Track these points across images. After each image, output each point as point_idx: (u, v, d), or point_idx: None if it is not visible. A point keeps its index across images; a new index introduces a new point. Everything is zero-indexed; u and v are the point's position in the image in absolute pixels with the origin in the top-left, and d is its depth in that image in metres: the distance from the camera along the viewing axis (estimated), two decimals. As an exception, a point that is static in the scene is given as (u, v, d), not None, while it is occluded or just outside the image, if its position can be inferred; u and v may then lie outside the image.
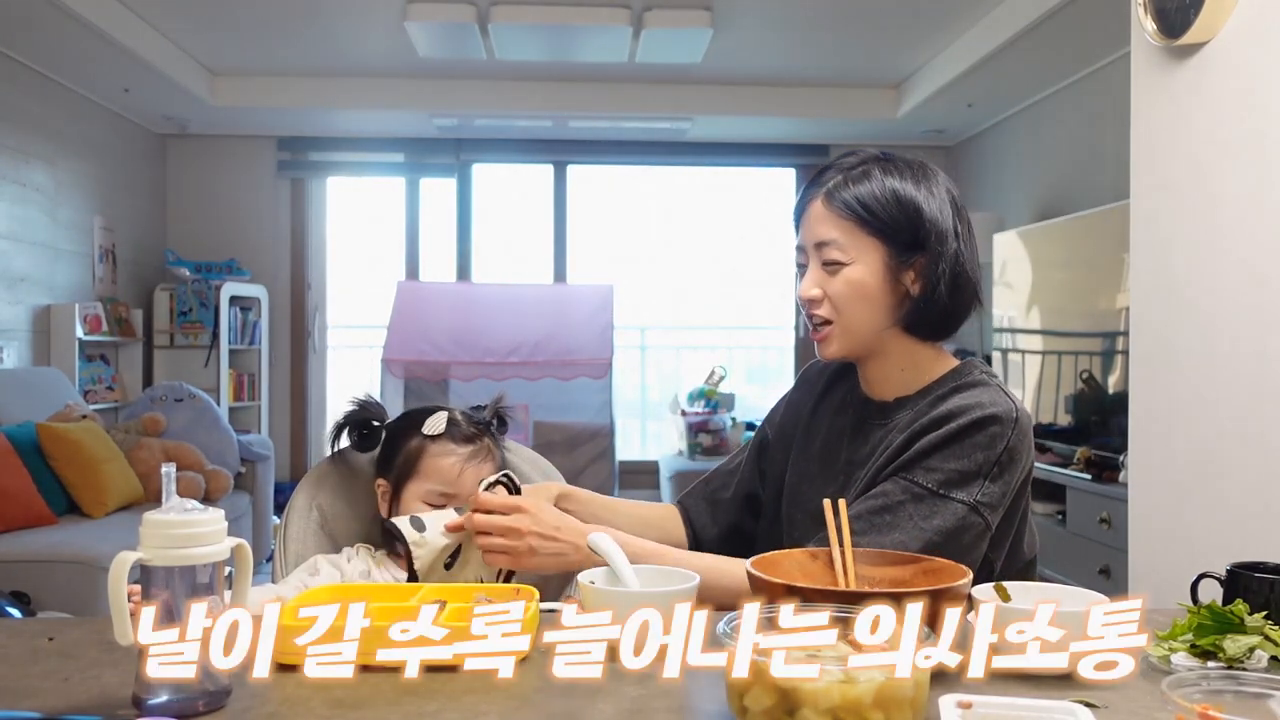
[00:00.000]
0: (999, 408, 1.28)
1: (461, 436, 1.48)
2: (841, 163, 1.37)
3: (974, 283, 1.36)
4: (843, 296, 1.33)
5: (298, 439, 6.57)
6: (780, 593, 0.97)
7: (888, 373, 1.39)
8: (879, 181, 1.32)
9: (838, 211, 1.33)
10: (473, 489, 1.43)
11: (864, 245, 1.32)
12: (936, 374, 1.37)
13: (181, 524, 0.89)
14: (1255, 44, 1.71)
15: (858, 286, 1.32)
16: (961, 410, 1.28)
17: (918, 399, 1.36)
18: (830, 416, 1.47)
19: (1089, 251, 4.21)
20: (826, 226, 1.33)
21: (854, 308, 1.33)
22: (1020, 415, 1.29)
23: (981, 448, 1.26)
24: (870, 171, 1.34)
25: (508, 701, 0.91)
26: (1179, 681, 0.80)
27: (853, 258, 1.32)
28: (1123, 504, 2.41)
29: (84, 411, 4.30)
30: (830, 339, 1.36)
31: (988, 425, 1.27)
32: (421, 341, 5.39)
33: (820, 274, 1.34)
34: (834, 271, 1.33)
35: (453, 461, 1.46)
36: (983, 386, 1.32)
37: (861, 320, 1.34)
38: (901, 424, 1.34)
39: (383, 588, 1.32)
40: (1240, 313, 1.74)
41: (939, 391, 1.34)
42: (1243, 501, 1.72)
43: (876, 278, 1.32)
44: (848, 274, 1.32)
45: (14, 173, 4.77)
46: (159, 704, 0.87)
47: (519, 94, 5.71)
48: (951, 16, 4.57)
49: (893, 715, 0.80)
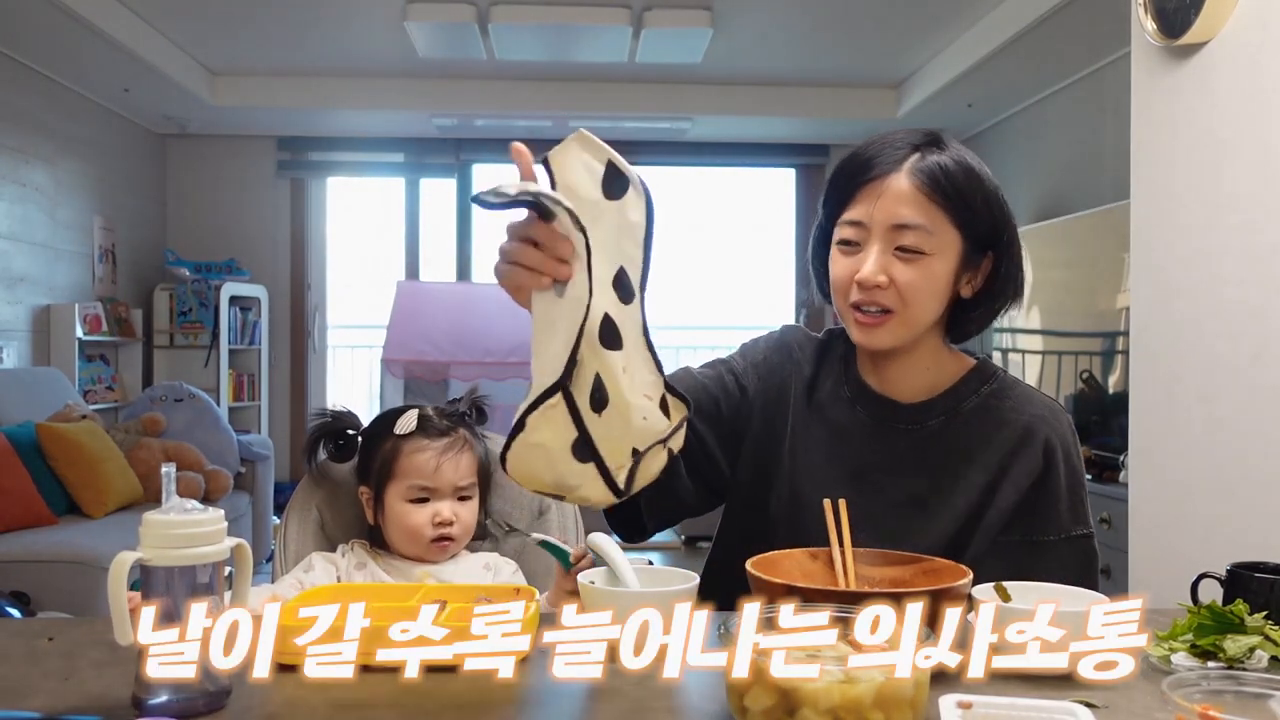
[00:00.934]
0: (1064, 418, 1.31)
1: (435, 431, 1.47)
2: (909, 139, 1.24)
3: (1022, 289, 1.30)
4: (916, 288, 1.21)
5: (298, 439, 6.56)
6: (780, 593, 0.97)
7: (912, 372, 1.31)
8: (973, 170, 1.23)
9: (928, 194, 1.20)
10: (451, 482, 1.44)
11: (947, 236, 1.22)
12: (957, 374, 1.33)
13: (181, 524, 0.89)
14: (1255, 44, 1.71)
15: (934, 280, 1.22)
16: (1050, 441, 1.28)
17: (946, 401, 1.31)
18: (830, 408, 1.36)
19: (1089, 251, 4.21)
20: (912, 209, 1.20)
21: (925, 302, 1.23)
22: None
23: (1083, 472, 1.32)
24: (958, 157, 1.23)
25: (508, 701, 0.91)
26: (1179, 681, 0.80)
27: (935, 248, 1.21)
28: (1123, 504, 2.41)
29: (84, 411, 4.30)
30: (886, 328, 1.24)
31: (1073, 446, 1.30)
32: (421, 341, 5.39)
33: (889, 258, 1.21)
34: (911, 259, 1.21)
35: (427, 456, 1.45)
36: (1021, 386, 1.33)
37: (927, 315, 1.25)
38: (936, 430, 1.30)
39: (383, 588, 1.32)
40: (1240, 313, 1.74)
41: (975, 394, 1.31)
42: (1243, 501, 1.72)
43: (950, 273, 1.23)
44: (929, 265, 1.21)
45: (14, 173, 4.76)
46: (159, 704, 0.86)
47: (519, 94, 5.71)
48: (951, 16, 4.57)
49: (893, 715, 0.80)
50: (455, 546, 1.47)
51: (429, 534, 1.44)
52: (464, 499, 1.47)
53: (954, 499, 1.28)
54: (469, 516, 1.48)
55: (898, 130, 1.28)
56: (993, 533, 1.27)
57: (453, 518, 1.45)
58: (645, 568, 1.17)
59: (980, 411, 1.30)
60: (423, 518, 1.44)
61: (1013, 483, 1.27)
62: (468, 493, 1.47)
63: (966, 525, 1.27)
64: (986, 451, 1.28)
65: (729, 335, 7.07)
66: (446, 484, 1.44)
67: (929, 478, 1.29)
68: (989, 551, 1.26)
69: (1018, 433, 1.28)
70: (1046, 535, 1.28)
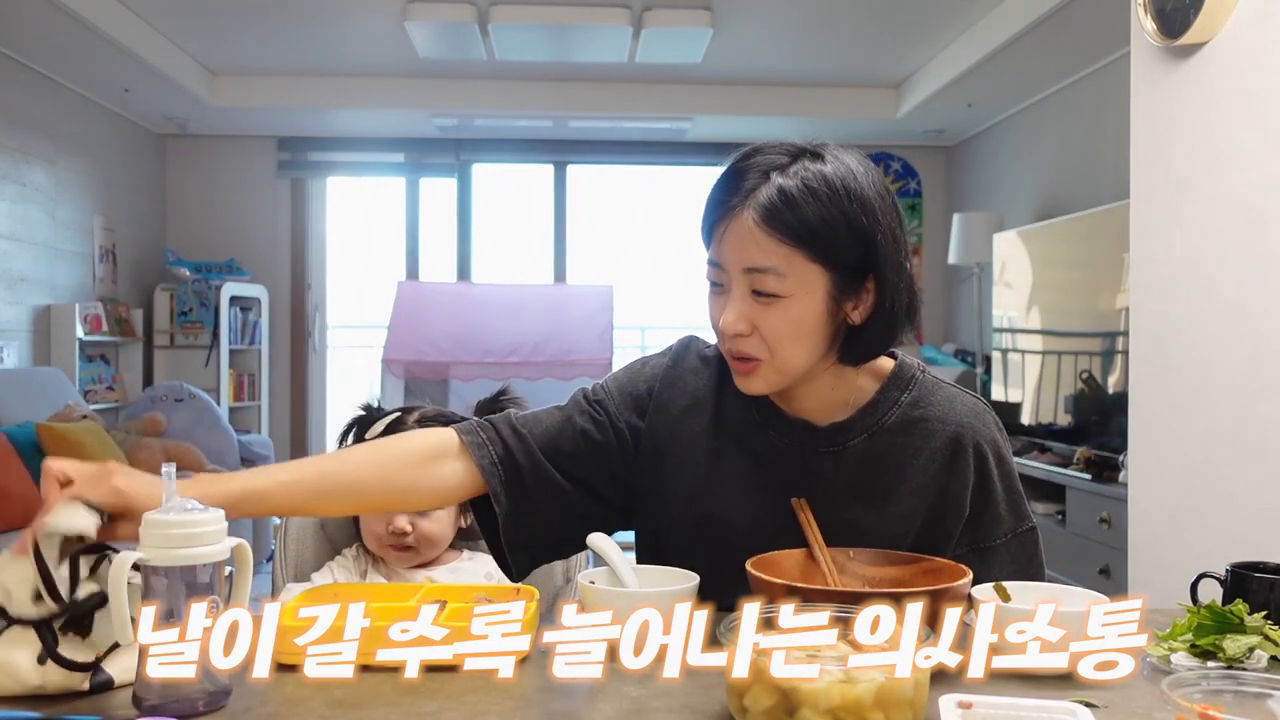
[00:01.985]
0: (988, 417, 1.27)
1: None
2: (763, 161, 1.13)
3: (918, 305, 1.19)
4: (778, 334, 1.13)
5: (298, 439, 6.57)
6: (780, 593, 0.97)
7: (816, 394, 1.23)
8: (821, 193, 1.10)
9: (770, 231, 1.09)
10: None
11: (805, 273, 1.11)
12: (872, 386, 1.24)
13: (181, 524, 0.89)
14: (1255, 44, 1.71)
15: (798, 323, 1.12)
16: (971, 438, 1.23)
17: (867, 417, 1.23)
18: (741, 433, 1.26)
19: (1089, 251, 4.21)
20: (760, 251, 1.10)
21: (791, 347, 1.14)
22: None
23: (1013, 465, 1.29)
24: (808, 179, 1.10)
25: (508, 701, 0.91)
26: (1179, 681, 0.80)
27: (792, 289, 1.11)
28: (1123, 504, 2.41)
29: (84, 411, 4.30)
30: (757, 376, 1.16)
31: (1003, 445, 1.28)
32: (421, 341, 5.39)
33: (749, 303, 1.13)
34: (769, 303, 1.12)
35: None
36: (941, 390, 1.26)
37: (798, 359, 1.15)
38: (860, 450, 1.22)
39: (383, 588, 1.32)
40: (1240, 313, 1.74)
41: (896, 403, 1.23)
42: (1243, 501, 1.72)
43: (818, 311, 1.12)
44: (788, 309, 1.12)
45: (14, 173, 4.77)
46: (159, 704, 0.87)
47: (519, 94, 5.72)
48: (951, 16, 4.57)
49: (893, 715, 0.81)
50: (417, 556, 1.46)
51: (387, 541, 1.43)
52: (423, 512, 1.44)
53: (890, 524, 1.21)
54: (431, 527, 1.44)
55: (775, 143, 1.16)
56: (941, 551, 1.21)
57: (407, 528, 1.42)
58: (645, 568, 1.17)
59: (903, 424, 1.23)
60: (379, 527, 1.43)
61: (951, 502, 1.22)
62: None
63: (913, 547, 1.20)
64: (915, 468, 1.21)
65: (729, 335, 7.08)
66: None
67: (861, 504, 1.22)
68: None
69: (946, 444, 1.22)
70: (993, 540, 1.25)
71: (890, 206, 1.14)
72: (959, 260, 5.49)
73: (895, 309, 1.15)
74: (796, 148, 1.14)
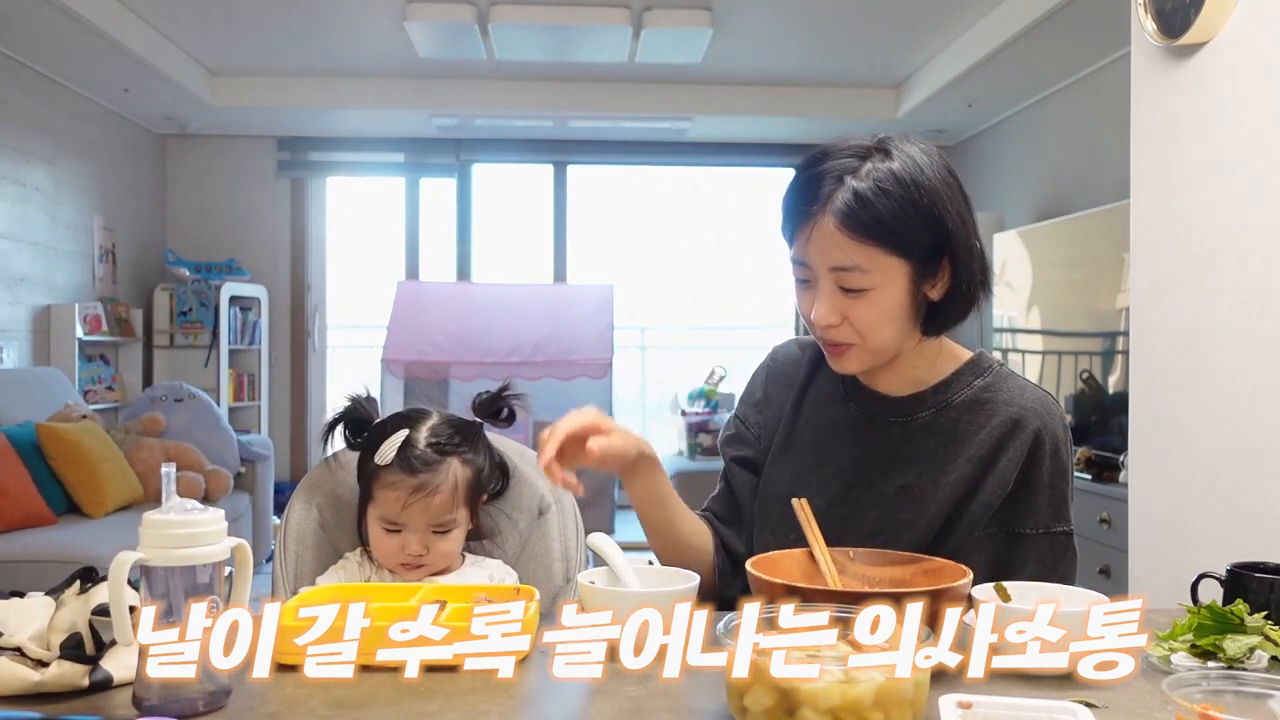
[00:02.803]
0: (1056, 411, 1.30)
1: (413, 465, 1.37)
2: (837, 165, 1.21)
3: (990, 270, 1.28)
4: (869, 322, 1.23)
5: (298, 439, 6.57)
6: (780, 593, 0.97)
7: (899, 371, 1.33)
8: (893, 192, 1.18)
9: (851, 234, 1.18)
10: (421, 522, 1.37)
11: (887, 265, 1.20)
12: (949, 368, 1.33)
13: (181, 524, 0.89)
14: (1255, 44, 1.71)
15: (887, 311, 1.22)
16: (1038, 430, 1.27)
17: (940, 393, 1.31)
18: (822, 408, 1.38)
19: (1089, 251, 4.21)
20: (843, 252, 1.19)
21: (880, 331, 1.24)
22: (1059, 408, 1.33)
23: (1070, 468, 1.31)
24: (879, 178, 1.18)
25: (508, 701, 0.91)
26: (1179, 681, 0.80)
27: (876, 282, 1.20)
28: (1123, 504, 2.41)
29: (84, 411, 4.30)
30: (851, 357, 1.27)
31: (1063, 441, 1.30)
32: (421, 341, 5.39)
33: (838, 297, 1.22)
34: (857, 297, 1.21)
35: (396, 496, 1.37)
36: (1016, 379, 1.33)
37: (888, 341, 1.25)
38: (926, 423, 1.30)
39: (383, 588, 1.32)
40: (1240, 313, 1.74)
41: (968, 386, 1.31)
42: (1243, 501, 1.72)
43: (902, 297, 1.22)
44: (874, 299, 1.21)
45: (14, 173, 4.76)
46: (159, 704, 0.87)
47: (519, 94, 5.71)
48: (951, 16, 4.57)
49: (893, 715, 0.80)
50: (428, 571, 1.42)
51: (399, 559, 1.40)
52: (440, 532, 1.40)
53: (941, 490, 1.28)
54: (446, 546, 1.41)
55: (842, 144, 1.24)
56: (976, 524, 1.27)
57: (422, 551, 1.39)
58: (645, 568, 1.17)
59: (971, 404, 1.30)
60: (393, 546, 1.40)
61: (997, 474, 1.27)
62: (444, 527, 1.40)
63: (952, 516, 1.27)
64: (975, 442, 1.28)
65: (728, 335, 7.08)
66: (416, 523, 1.38)
67: (918, 470, 1.29)
68: (971, 544, 1.27)
69: (1006, 423, 1.28)
70: (1023, 528, 1.27)
71: (956, 191, 1.23)
72: (959, 260, 5.48)
73: (970, 285, 1.25)
74: (864, 147, 1.23)
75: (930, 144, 1.25)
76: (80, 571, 1.01)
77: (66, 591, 0.99)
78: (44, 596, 1.00)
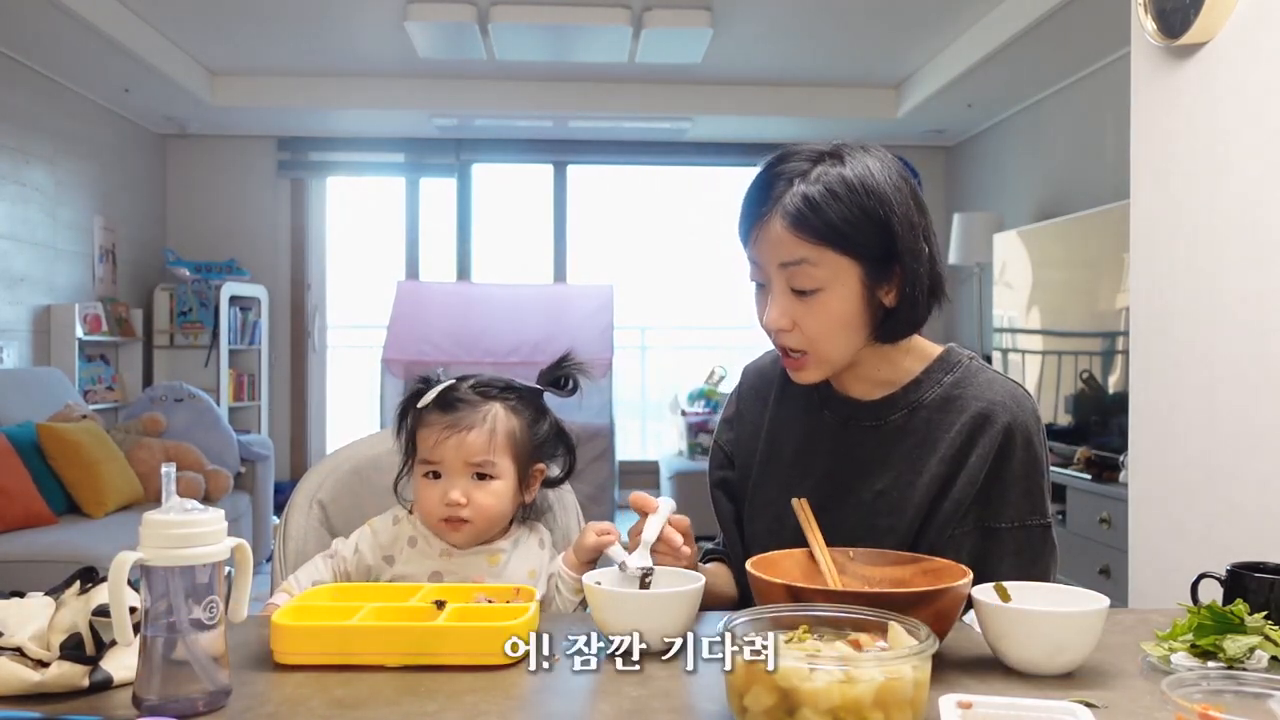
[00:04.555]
0: (1027, 404, 1.29)
1: (451, 404, 1.35)
2: (789, 169, 1.22)
3: (943, 277, 1.27)
4: (819, 327, 1.23)
5: (298, 439, 6.57)
6: (780, 593, 0.97)
7: (864, 376, 1.32)
8: (841, 194, 1.19)
9: (798, 233, 1.19)
10: (459, 459, 1.33)
11: (836, 264, 1.20)
12: (920, 365, 1.32)
13: (181, 524, 0.89)
14: (1255, 44, 1.71)
15: (836, 316, 1.22)
16: (1007, 424, 1.26)
17: (910, 394, 1.31)
18: (798, 417, 1.38)
19: (1089, 251, 4.21)
20: (791, 249, 1.20)
21: (832, 338, 1.23)
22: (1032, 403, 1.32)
23: (1044, 460, 1.31)
24: (829, 182, 1.19)
25: (507, 701, 0.91)
26: (1179, 681, 0.80)
27: (825, 282, 1.20)
28: (1123, 504, 2.41)
29: (84, 411, 4.30)
30: (806, 367, 1.27)
31: (1035, 433, 1.29)
32: (421, 341, 5.39)
33: (789, 300, 1.22)
34: (807, 300, 1.22)
35: (431, 432, 1.35)
36: (986, 373, 1.32)
37: (839, 349, 1.25)
38: (898, 425, 1.30)
39: (383, 588, 1.31)
40: (1240, 313, 1.74)
41: (939, 383, 1.30)
42: (1243, 501, 1.72)
43: (854, 301, 1.22)
44: (825, 303, 1.21)
45: (14, 173, 4.77)
46: (159, 704, 0.87)
47: (519, 94, 5.72)
48: (951, 16, 4.57)
49: (893, 715, 0.81)
50: (471, 529, 1.34)
51: (439, 513, 1.33)
52: (482, 478, 1.34)
53: (917, 492, 1.27)
54: (487, 500, 1.34)
55: (798, 148, 1.25)
56: (950, 523, 1.26)
57: (462, 499, 1.32)
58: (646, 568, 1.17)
59: (943, 401, 1.29)
60: (433, 496, 1.34)
61: (968, 471, 1.26)
62: (485, 470, 1.34)
63: (928, 516, 1.27)
64: (946, 440, 1.27)
65: (728, 335, 7.08)
66: (452, 461, 1.33)
67: (894, 473, 1.29)
68: (947, 542, 1.26)
69: (976, 418, 1.27)
70: (999, 523, 1.27)
71: (907, 197, 1.23)
72: (959, 260, 5.49)
73: (918, 290, 1.24)
74: (818, 152, 1.24)
75: (889, 154, 1.25)
76: (80, 572, 1.01)
77: (66, 592, 0.99)
78: (44, 597, 1.00)
